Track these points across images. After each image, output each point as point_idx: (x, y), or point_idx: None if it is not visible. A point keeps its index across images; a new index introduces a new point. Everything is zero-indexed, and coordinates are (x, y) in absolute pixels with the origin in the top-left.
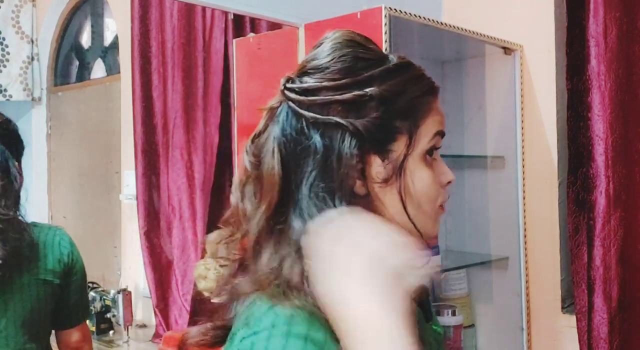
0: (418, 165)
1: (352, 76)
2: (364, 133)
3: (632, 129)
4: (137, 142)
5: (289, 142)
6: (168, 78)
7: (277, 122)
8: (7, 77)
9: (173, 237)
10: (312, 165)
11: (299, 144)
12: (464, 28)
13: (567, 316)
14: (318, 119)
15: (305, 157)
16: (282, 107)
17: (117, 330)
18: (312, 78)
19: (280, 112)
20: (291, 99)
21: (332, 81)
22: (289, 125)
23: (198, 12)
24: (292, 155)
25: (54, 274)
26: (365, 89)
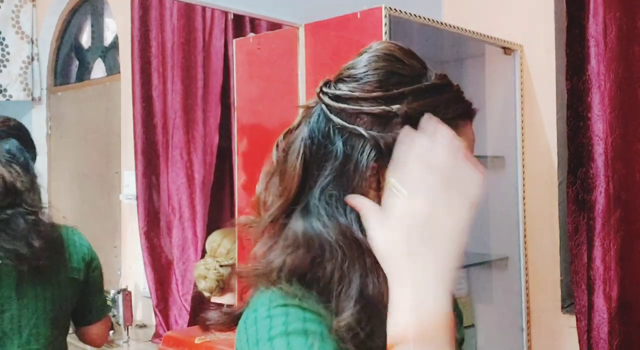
0: None
1: (383, 90)
2: (384, 148)
3: (632, 129)
4: (137, 142)
5: (314, 145)
6: (168, 78)
7: (308, 123)
8: (7, 77)
9: (173, 237)
10: (329, 170)
11: (322, 147)
12: (464, 28)
13: (567, 316)
14: (345, 126)
15: (325, 161)
16: (316, 109)
17: (117, 330)
18: (346, 86)
19: (314, 114)
20: (325, 102)
21: (364, 92)
22: (317, 128)
23: (198, 12)
24: (315, 158)
25: (78, 271)
26: (393, 105)
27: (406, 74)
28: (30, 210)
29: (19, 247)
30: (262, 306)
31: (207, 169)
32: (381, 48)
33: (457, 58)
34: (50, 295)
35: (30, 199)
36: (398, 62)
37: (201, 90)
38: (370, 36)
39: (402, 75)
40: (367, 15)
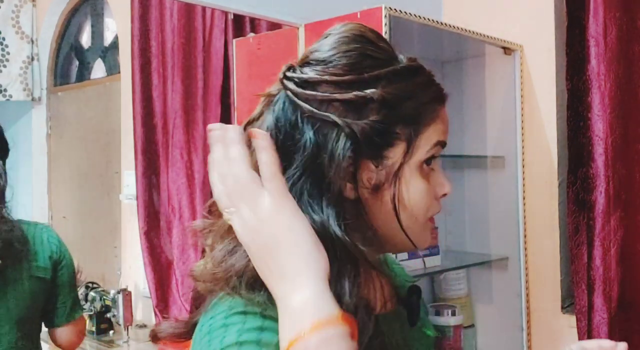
0: (414, 175)
1: (356, 74)
2: (360, 136)
3: (632, 129)
4: (137, 142)
5: (281, 135)
6: (168, 78)
7: (273, 112)
8: (7, 77)
9: (173, 237)
10: (299, 162)
11: (290, 138)
12: (464, 28)
13: (567, 316)
14: (315, 113)
15: (294, 153)
16: (279, 96)
17: (117, 330)
18: (313, 70)
19: (277, 101)
20: (289, 88)
21: (334, 76)
22: (283, 117)
23: (198, 12)
24: (283, 150)
25: (45, 270)
26: (368, 89)
27: (379, 56)
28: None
29: None
30: (220, 314)
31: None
32: (350, 28)
33: (457, 58)
34: (13, 296)
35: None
36: (370, 43)
37: (201, 90)
38: None
39: (374, 58)
40: (367, 15)
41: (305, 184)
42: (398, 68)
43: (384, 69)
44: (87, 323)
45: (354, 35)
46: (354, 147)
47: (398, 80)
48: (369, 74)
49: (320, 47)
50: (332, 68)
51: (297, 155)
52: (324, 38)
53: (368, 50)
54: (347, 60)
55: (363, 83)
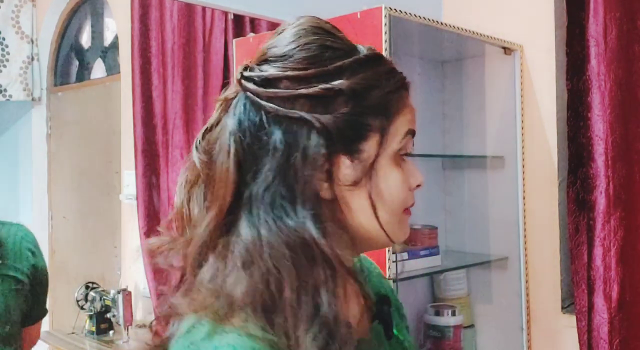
0: (389, 166)
1: (319, 66)
2: (332, 130)
3: (632, 129)
4: (137, 142)
5: (246, 138)
6: (168, 78)
7: (233, 115)
8: (7, 77)
9: None
10: (270, 165)
11: (257, 140)
12: (464, 28)
13: (567, 316)
14: (280, 112)
15: (263, 155)
16: (238, 98)
17: (117, 330)
18: (272, 67)
19: (237, 104)
20: (249, 89)
21: (296, 71)
22: (246, 119)
23: (198, 12)
24: (250, 154)
25: (21, 271)
26: (333, 81)
27: (339, 47)
28: None
29: None
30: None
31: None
32: (305, 21)
33: (457, 58)
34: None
35: None
36: (328, 34)
37: (201, 90)
38: (370, 36)
39: (335, 48)
40: (367, 15)
41: (278, 187)
42: (361, 57)
43: (347, 59)
44: (87, 323)
45: (311, 27)
46: (327, 142)
47: (362, 70)
48: (332, 65)
49: (277, 43)
50: (292, 63)
51: (266, 159)
52: (279, 33)
53: (327, 41)
54: (307, 53)
55: (327, 75)
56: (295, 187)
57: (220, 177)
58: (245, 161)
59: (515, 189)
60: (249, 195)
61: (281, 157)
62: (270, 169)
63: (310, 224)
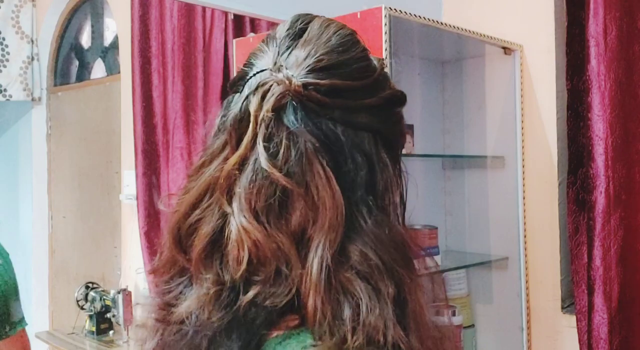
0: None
1: (370, 75)
2: (391, 139)
3: (632, 129)
4: (137, 142)
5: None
6: (168, 78)
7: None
8: (7, 77)
9: None
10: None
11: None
12: (464, 28)
13: (567, 316)
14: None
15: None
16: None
17: (117, 330)
18: (332, 74)
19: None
20: (318, 99)
21: (357, 80)
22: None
23: (198, 12)
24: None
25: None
26: (383, 90)
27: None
28: None
29: None
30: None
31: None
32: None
33: (457, 58)
34: None
35: None
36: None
37: (201, 91)
38: (370, 36)
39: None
40: (367, 15)
41: (376, 201)
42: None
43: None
44: (87, 323)
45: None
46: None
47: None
48: (377, 73)
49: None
50: (350, 72)
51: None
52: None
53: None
54: (362, 63)
55: (379, 84)
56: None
57: (326, 193)
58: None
59: (515, 189)
60: (353, 219)
61: (366, 171)
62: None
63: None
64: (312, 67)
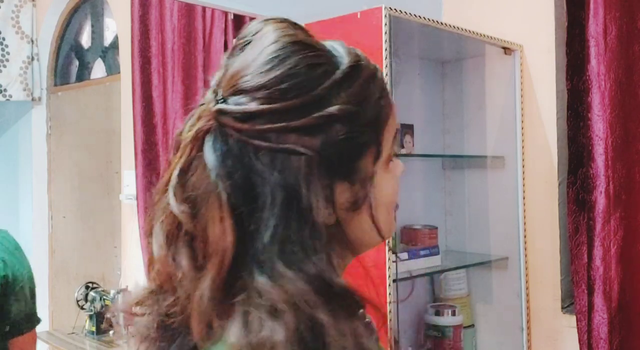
0: (382, 174)
1: (307, 92)
2: (333, 159)
3: (632, 129)
4: (137, 142)
5: (237, 182)
6: (168, 78)
7: (214, 155)
8: (7, 77)
9: None
10: (271, 210)
11: (249, 182)
12: (464, 28)
13: (567, 316)
14: (272, 148)
15: (259, 199)
16: (215, 134)
17: (117, 331)
18: (253, 99)
19: (215, 141)
20: (229, 125)
21: (284, 102)
22: (232, 159)
23: (198, 12)
24: (244, 200)
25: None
26: (325, 107)
27: (323, 61)
28: None
29: None
30: None
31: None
32: (278, 35)
33: (457, 58)
34: None
35: None
36: (309, 48)
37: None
38: (370, 36)
39: (319, 64)
40: (367, 15)
41: (285, 232)
42: (346, 70)
43: (335, 77)
44: (87, 323)
45: (289, 44)
46: (327, 173)
47: (351, 84)
48: (321, 87)
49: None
50: (277, 93)
51: (264, 202)
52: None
53: (310, 58)
54: (293, 80)
55: (318, 101)
56: (303, 229)
57: (215, 235)
58: (240, 208)
59: (515, 189)
60: (253, 246)
61: (282, 199)
62: (272, 214)
63: (326, 264)
64: (235, 89)
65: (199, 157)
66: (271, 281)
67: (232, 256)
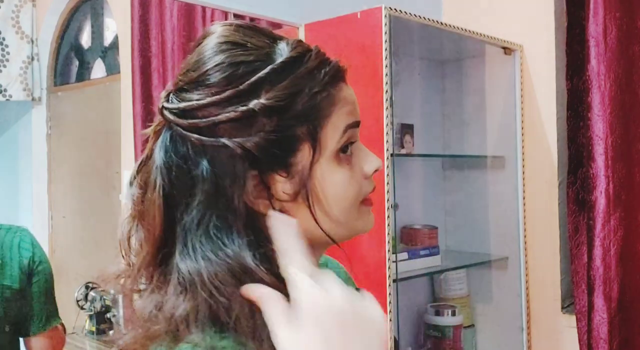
0: (329, 169)
1: (233, 87)
2: (258, 153)
3: (632, 129)
4: (137, 142)
5: (174, 171)
6: (168, 78)
7: (160, 148)
8: (7, 77)
9: None
10: (199, 197)
11: (184, 172)
12: (464, 28)
13: (567, 316)
14: (203, 141)
15: (192, 187)
16: (164, 130)
17: (117, 331)
18: (192, 94)
19: (164, 136)
20: (171, 120)
21: (212, 96)
22: (172, 151)
23: (198, 12)
24: (179, 187)
25: (12, 278)
26: (251, 101)
27: (254, 58)
28: None
29: None
30: None
31: None
32: (215, 36)
33: (457, 58)
34: None
35: None
36: (239, 47)
37: None
38: (370, 36)
39: (248, 62)
40: (367, 15)
41: (210, 218)
42: (276, 66)
43: (262, 72)
44: (87, 323)
45: (220, 43)
46: (256, 165)
47: (280, 79)
48: (246, 82)
49: (191, 65)
50: (210, 88)
51: (197, 190)
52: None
53: (238, 56)
54: (221, 75)
55: (243, 95)
56: (227, 217)
57: (150, 212)
58: (174, 195)
59: (515, 189)
60: (182, 229)
61: (210, 188)
62: (200, 202)
63: (246, 251)
64: (176, 87)
65: (155, 150)
66: (191, 262)
67: (162, 236)
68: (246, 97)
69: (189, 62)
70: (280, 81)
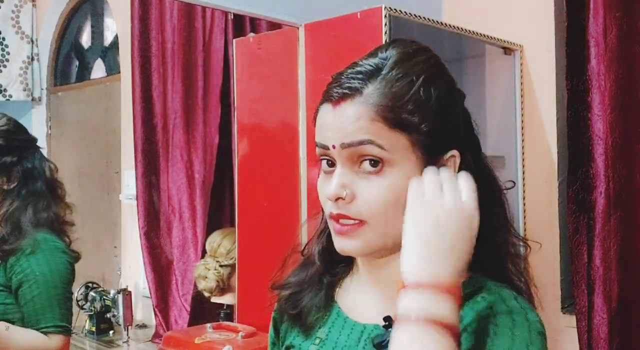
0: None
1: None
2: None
3: (632, 129)
4: (137, 142)
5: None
6: (168, 78)
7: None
8: (7, 77)
9: (173, 237)
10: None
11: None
12: (464, 28)
13: (567, 316)
14: None
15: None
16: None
17: (117, 330)
18: None
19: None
20: None
21: None
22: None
23: (198, 12)
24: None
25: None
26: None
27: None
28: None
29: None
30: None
31: (207, 169)
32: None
33: (457, 58)
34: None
35: None
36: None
37: (201, 91)
38: (370, 36)
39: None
40: (367, 15)
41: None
42: None
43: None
44: (87, 323)
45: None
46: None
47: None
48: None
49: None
50: None
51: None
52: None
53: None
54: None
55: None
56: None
57: None
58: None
59: (515, 189)
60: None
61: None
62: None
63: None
64: None
65: None
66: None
67: None
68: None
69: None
70: None
